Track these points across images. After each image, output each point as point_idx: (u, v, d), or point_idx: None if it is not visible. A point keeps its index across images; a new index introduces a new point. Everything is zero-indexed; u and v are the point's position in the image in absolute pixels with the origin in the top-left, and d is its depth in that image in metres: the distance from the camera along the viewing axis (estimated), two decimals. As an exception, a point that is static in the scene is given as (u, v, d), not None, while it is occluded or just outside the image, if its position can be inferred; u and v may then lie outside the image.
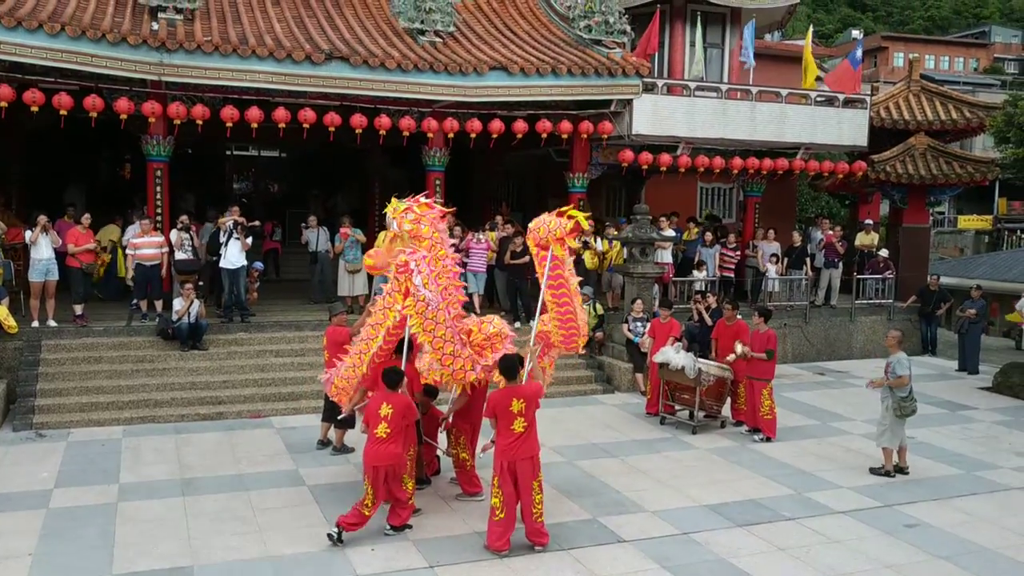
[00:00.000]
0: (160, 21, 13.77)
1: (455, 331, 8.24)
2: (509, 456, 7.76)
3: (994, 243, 43.65)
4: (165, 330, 13.28)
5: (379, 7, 17.01)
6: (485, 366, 8.49)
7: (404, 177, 21.97)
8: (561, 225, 8.72)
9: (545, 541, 7.93)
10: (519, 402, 7.77)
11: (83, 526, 8.21)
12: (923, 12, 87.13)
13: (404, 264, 8.05)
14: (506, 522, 7.79)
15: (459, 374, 8.39)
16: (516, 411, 7.76)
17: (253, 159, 26.32)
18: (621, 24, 16.81)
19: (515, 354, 8.36)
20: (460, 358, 8.27)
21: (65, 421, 11.47)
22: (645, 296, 15.00)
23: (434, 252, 8.21)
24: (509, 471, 7.76)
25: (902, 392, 10.25)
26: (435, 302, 7.97)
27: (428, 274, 7.99)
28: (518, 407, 7.76)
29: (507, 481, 7.77)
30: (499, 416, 7.82)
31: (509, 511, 7.79)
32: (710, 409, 12.45)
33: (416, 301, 7.95)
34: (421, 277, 7.93)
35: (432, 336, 8.07)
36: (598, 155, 17.27)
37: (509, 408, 7.76)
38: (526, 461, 7.79)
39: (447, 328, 8.12)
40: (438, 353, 8.15)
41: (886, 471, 10.42)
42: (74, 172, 19.94)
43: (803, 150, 18.14)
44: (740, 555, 7.99)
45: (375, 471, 7.86)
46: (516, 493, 7.79)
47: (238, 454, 10.56)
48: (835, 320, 18.40)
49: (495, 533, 7.82)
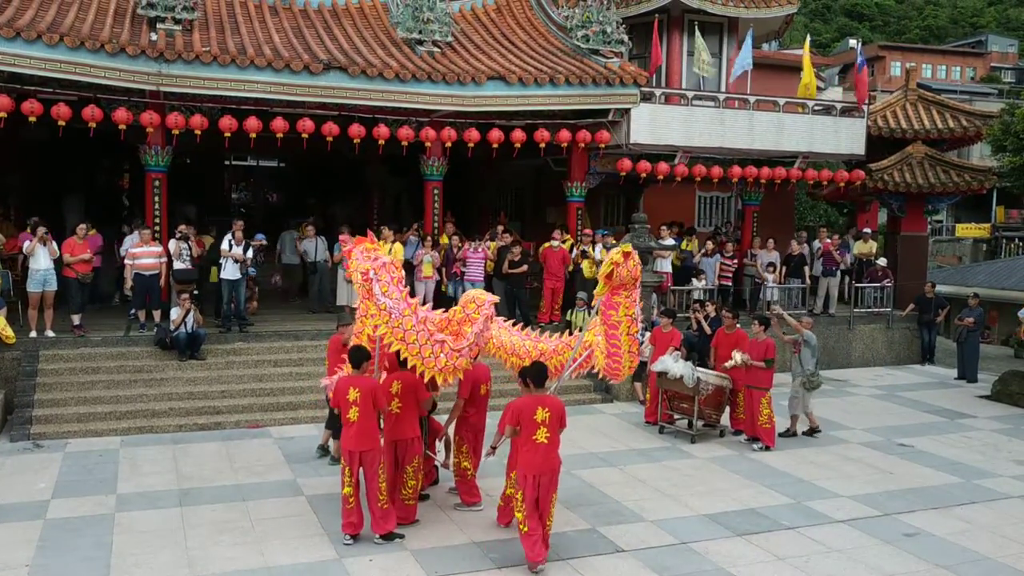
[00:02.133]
0: (159, 32, 13.80)
1: (426, 333, 7.91)
2: (534, 469, 7.62)
3: (992, 251, 43.75)
4: (163, 340, 13.27)
5: (377, 17, 17.06)
6: (472, 346, 8.13)
7: (402, 187, 22.09)
8: (635, 265, 8.06)
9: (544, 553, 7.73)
10: (544, 411, 7.63)
11: (80, 537, 8.18)
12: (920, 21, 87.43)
13: (364, 272, 8.01)
14: (533, 533, 7.64)
15: (448, 370, 8.04)
16: (540, 420, 7.61)
17: (251, 169, 26.37)
18: (618, 34, 16.86)
19: (543, 363, 8.28)
20: (440, 356, 7.93)
21: (63, 431, 11.44)
22: (644, 305, 14.98)
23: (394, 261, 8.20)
24: (533, 484, 7.61)
25: (810, 368, 12.22)
26: (397, 309, 7.80)
27: (388, 281, 7.89)
28: (542, 416, 7.62)
29: (529, 496, 7.61)
30: (522, 425, 7.67)
31: (532, 522, 7.63)
32: (709, 418, 12.43)
33: (379, 311, 7.83)
34: (380, 285, 7.83)
35: (405, 343, 7.83)
36: (596, 164, 17.32)
37: (533, 417, 7.61)
38: (548, 475, 7.67)
39: (417, 332, 7.84)
40: (416, 359, 7.90)
41: (792, 432, 12.46)
42: (72, 183, 19.96)
43: (801, 159, 18.19)
44: (739, 564, 7.97)
45: (349, 455, 7.96)
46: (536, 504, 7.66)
47: (236, 464, 10.53)
48: (833, 329, 18.40)
49: (527, 547, 7.64)
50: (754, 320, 12.40)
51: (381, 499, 8.08)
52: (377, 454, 8.03)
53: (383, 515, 8.13)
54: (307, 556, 7.85)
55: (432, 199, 16.46)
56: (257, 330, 14.57)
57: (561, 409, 7.82)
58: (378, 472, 8.01)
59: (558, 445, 7.80)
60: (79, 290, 13.59)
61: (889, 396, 15.75)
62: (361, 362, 8.10)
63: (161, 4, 13.91)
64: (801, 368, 12.31)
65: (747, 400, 12.06)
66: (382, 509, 8.10)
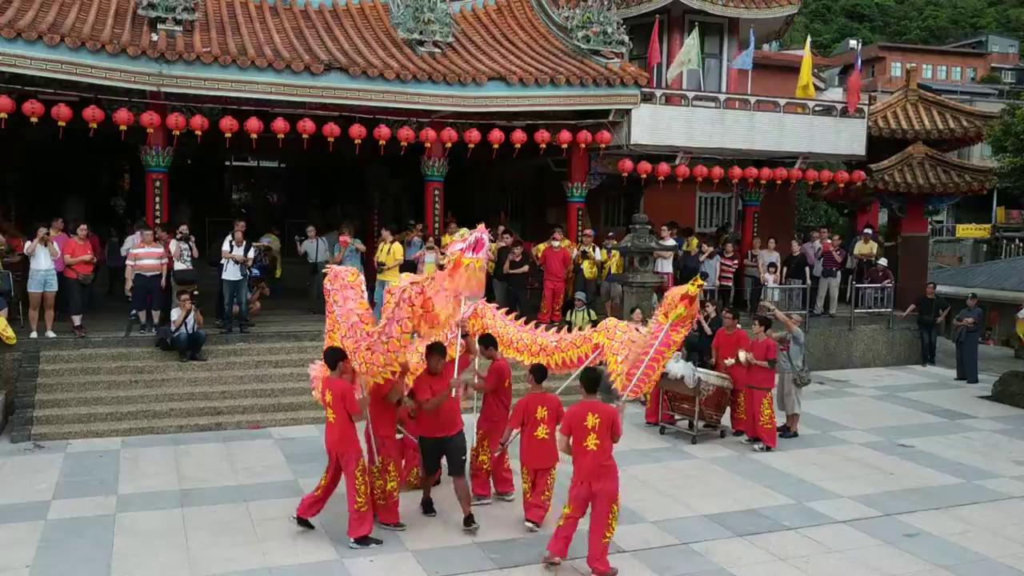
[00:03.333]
0: (160, 32, 13.80)
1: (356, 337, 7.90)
2: (584, 476, 7.50)
3: (993, 252, 43.70)
4: (164, 340, 13.27)
5: (378, 18, 17.06)
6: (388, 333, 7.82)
7: (403, 187, 22.07)
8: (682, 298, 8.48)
9: (605, 569, 7.51)
10: (594, 417, 7.47)
11: (81, 537, 8.18)
12: (920, 22, 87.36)
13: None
14: (566, 528, 7.60)
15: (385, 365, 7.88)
16: (590, 426, 7.45)
17: (252, 170, 26.34)
18: (619, 34, 16.86)
19: (596, 368, 8.31)
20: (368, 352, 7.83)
21: (64, 432, 11.44)
22: (644, 306, 14.98)
23: None
24: (586, 496, 7.51)
25: (799, 364, 12.29)
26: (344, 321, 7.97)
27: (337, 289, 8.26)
28: (592, 422, 7.45)
29: (579, 504, 7.55)
30: (573, 432, 7.55)
31: (569, 521, 7.59)
32: (710, 419, 12.44)
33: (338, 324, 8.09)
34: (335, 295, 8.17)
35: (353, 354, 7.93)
36: (597, 165, 17.32)
37: (583, 423, 7.47)
38: (605, 491, 7.48)
39: (353, 338, 7.89)
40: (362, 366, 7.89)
41: (793, 433, 12.47)
42: (73, 183, 19.96)
43: (801, 159, 18.19)
44: (740, 565, 7.98)
45: (328, 454, 8.11)
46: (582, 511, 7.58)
47: (237, 465, 10.53)
48: (834, 329, 18.40)
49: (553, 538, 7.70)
50: (755, 320, 12.42)
51: (358, 501, 8.02)
52: (353, 456, 8.02)
53: (358, 518, 8.04)
54: (308, 557, 7.85)
55: (432, 200, 16.46)
56: (258, 331, 14.58)
57: (613, 415, 7.55)
58: (355, 474, 7.99)
59: (609, 452, 7.58)
60: (80, 291, 13.60)
61: (890, 397, 15.75)
62: (336, 363, 8.11)
63: (162, 5, 13.92)
64: (791, 365, 12.37)
65: (748, 400, 12.06)
66: (358, 512, 8.03)
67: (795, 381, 12.39)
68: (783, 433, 12.38)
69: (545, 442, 8.26)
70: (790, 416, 12.57)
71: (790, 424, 12.60)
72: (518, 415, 8.35)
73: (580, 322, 14.64)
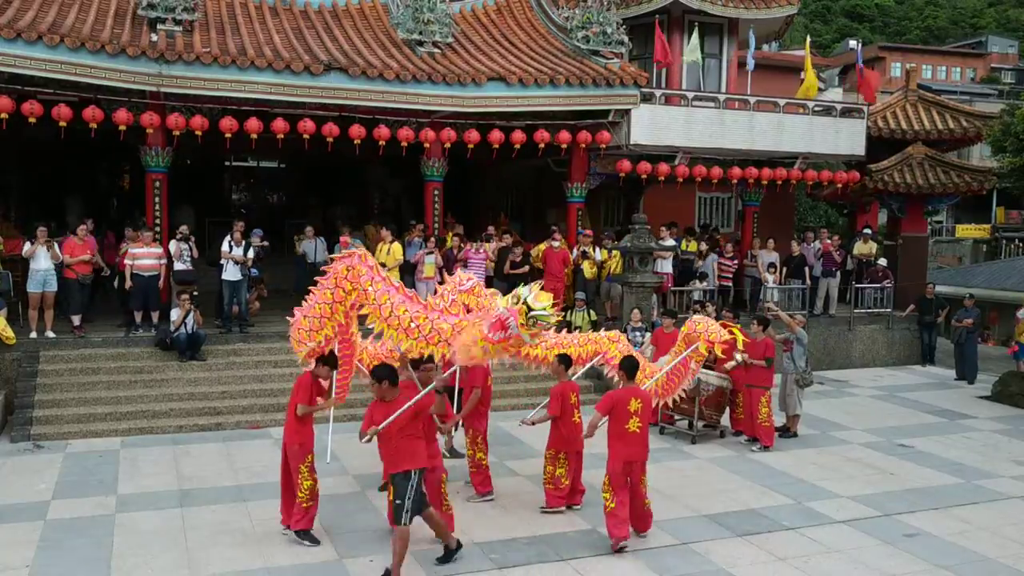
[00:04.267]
0: (159, 32, 13.81)
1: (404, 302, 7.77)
2: (626, 456, 8.05)
3: (992, 252, 43.71)
4: (163, 340, 13.27)
5: (378, 18, 17.07)
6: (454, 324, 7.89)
7: (403, 188, 22.08)
8: (719, 334, 10.02)
9: (649, 525, 8.49)
10: (637, 402, 8.09)
11: (80, 538, 8.18)
12: (920, 22, 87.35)
13: None
14: (620, 512, 8.05)
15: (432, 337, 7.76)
16: (633, 410, 8.05)
17: (252, 170, 26.33)
18: (619, 35, 16.87)
19: (633, 356, 8.82)
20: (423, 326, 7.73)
21: (63, 432, 11.45)
22: (643, 306, 15.00)
23: None
24: (624, 471, 8.05)
25: (802, 365, 12.34)
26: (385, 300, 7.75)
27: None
28: (635, 407, 8.06)
29: (621, 483, 8.05)
30: (615, 414, 8.06)
31: (620, 503, 8.06)
32: (709, 419, 12.44)
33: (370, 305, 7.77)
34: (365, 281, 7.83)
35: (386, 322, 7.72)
36: (596, 165, 17.33)
37: (627, 407, 8.04)
38: (640, 463, 8.16)
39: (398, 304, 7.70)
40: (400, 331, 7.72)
41: (793, 433, 12.52)
42: (72, 183, 19.95)
43: (801, 159, 18.20)
44: (739, 565, 7.97)
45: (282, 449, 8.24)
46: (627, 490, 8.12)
47: (236, 465, 10.53)
48: (834, 329, 18.41)
49: (612, 524, 8.08)
50: (753, 320, 12.44)
51: (300, 496, 8.06)
52: (297, 451, 8.00)
53: (300, 512, 8.09)
54: (307, 557, 7.85)
55: (432, 200, 16.46)
56: (257, 331, 14.58)
57: (649, 401, 8.46)
58: (299, 468, 8.02)
59: (647, 434, 8.24)
60: (79, 291, 13.60)
61: (889, 397, 15.76)
62: None
63: (162, 5, 13.94)
64: (794, 366, 12.42)
65: (746, 398, 12.07)
66: (300, 507, 8.08)
67: (798, 382, 12.40)
68: (783, 433, 12.40)
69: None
70: (791, 417, 12.59)
71: (790, 424, 12.61)
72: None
73: (580, 322, 14.64)
